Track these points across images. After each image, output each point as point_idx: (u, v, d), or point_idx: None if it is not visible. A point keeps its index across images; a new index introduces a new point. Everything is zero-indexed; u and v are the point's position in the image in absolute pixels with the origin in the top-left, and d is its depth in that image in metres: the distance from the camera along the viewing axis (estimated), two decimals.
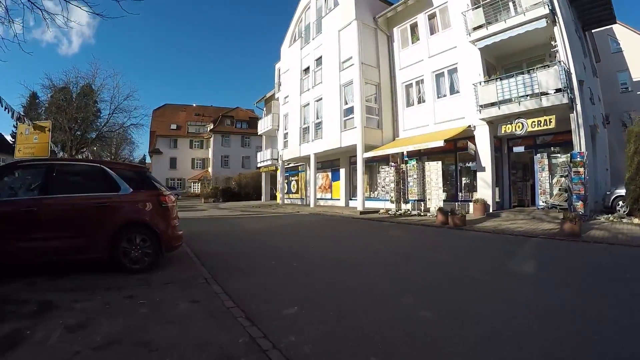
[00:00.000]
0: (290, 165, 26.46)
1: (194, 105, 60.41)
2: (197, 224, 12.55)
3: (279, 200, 27.87)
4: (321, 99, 19.94)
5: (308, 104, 21.20)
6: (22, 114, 13.07)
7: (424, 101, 16.95)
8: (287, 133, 24.07)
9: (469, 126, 14.51)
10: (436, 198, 14.03)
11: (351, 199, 20.65)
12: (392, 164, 15.80)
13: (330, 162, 22.17)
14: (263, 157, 29.56)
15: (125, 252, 5.23)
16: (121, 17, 11.25)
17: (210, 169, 50.34)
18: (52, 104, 18.45)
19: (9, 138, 38.48)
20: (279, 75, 29.42)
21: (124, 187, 5.38)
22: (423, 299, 4.02)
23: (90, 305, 3.82)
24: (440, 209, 12.18)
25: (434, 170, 14.20)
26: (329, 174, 22.77)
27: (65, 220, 5.06)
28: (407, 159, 17.12)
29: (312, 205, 20.18)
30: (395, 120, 18.40)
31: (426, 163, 14.60)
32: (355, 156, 19.23)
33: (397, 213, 15.09)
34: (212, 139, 51.22)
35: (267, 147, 30.82)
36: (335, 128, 18.32)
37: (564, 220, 8.75)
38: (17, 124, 14.47)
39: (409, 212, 15.30)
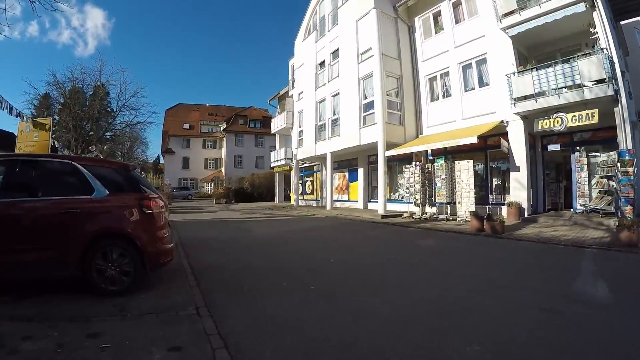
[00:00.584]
0: (305, 165, 25.37)
1: (207, 104, 60.03)
2: (204, 228, 11.74)
3: (293, 202, 26.81)
4: (338, 93, 18.79)
5: (324, 99, 20.08)
6: (20, 110, 12.27)
7: (449, 95, 15.62)
8: (301, 131, 23.00)
9: (502, 121, 13.16)
10: (467, 201, 12.72)
11: (370, 201, 19.45)
12: (417, 163, 14.52)
13: (347, 162, 21.00)
14: (277, 157, 28.57)
15: (100, 270, 4.21)
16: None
17: (223, 169, 49.77)
18: (57, 101, 17.83)
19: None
20: (293, 72, 28.39)
21: (98, 189, 4.35)
22: (497, 349, 2.81)
23: (40, 346, 2.84)
24: (474, 214, 10.88)
25: (465, 170, 12.87)
26: (346, 174, 21.59)
27: (25, 230, 4.08)
28: (431, 157, 15.89)
29: (328, 207, 19.04)
30: (419, 116, 17.11)
31: (456, 162, 13.26)
32: (375, 155, 18.06)
33: (422, 217, 13.83)
34: (225, 139, 50.63)
35: (280, 146, 29.81)
36: (354, 124, 17.14)
37: (620, 228, 7.48)
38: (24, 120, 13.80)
39: (434, 216, 14.01)
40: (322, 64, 20.74)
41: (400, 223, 12.74)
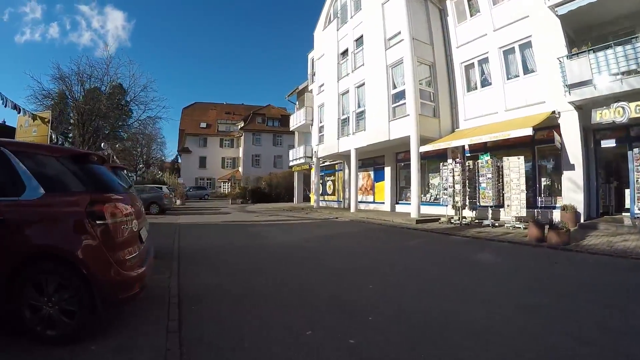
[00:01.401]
0: (326, 163, 23.85)
1: (224, 103, 59.36)
2: (213, 233, 10.42)
3: (312, 203, 25.33)
4: (363, 84, 17.18)
5: (347, 91, 18.49)
6: (16, 103, 11.24)
7: (489, 84, 13.82)
8: (322, 126, 21.46)
9: (553, 112, 11.31)
10: (517, 204, 10.91)
11: (398, 203, 17.76)
12: (456, 160, 12.75)
13: (372, 160, 19.35)
14: (295, 155, 27.15)
15: (34, 307, 2.80)
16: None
17: (240, 169, 48.87)
18: (60, 95, 16.80)
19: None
20: (313, 65, 27.00)
21: (31, 187, 2.92)
22: None
23: None
24: (535, 220, 9.10)
25: (515, 168, 11.04)
26: (371, 173, 19.92)
27: None
28: (468, 154, 14.11)
29: (352, 209, 17.41)
30: (454, 108, 15.34)
31: (504, 159, 11.44)
32: (403, 152, 16.51)
33: (463, 222, 12.07)
34: (242, 138, 49.73)
35: (299, 144, 28.46)
36: (382, 117, 15.48)
37: None
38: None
39: (476, 221, 12.25)
40: (345, 53, 19.19)
41: (439, 229, 11.01)
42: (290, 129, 28.78)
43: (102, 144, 22.01)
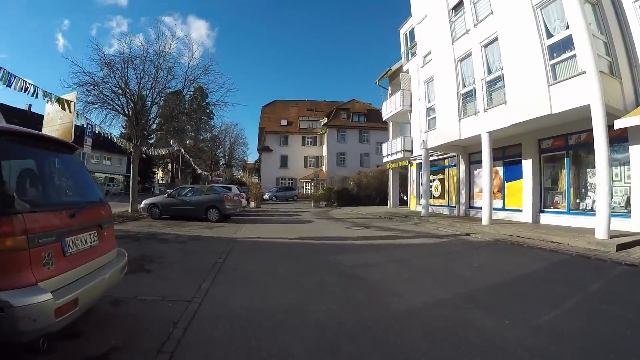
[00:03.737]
0: (431, 158, 19.08)
1: (306, 100, 57.06)
2: (276, 270, 5.87)
3: (414, 207, 20.77)
4: (494, 39, 12.30)
5: (468, 54, 13.68)
6: (29, 82, 8.82)
7: None
8: (431, 108, 16.78)
9: None
10: None
11: (543, 211, 12.59)
12: None
13: (500, 151, 14.25)
14: (390, 149, 22.83)
15: None
16: None
17: (324, 168, 45.91)
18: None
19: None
20: (407, 41, 22.58)
21: None
22: None
23: None
24: None
25: None
26: (499, 169, 14.77)
27: None
28: None
29: (485, 220, 12.44)
30: (636, 66, 9.97)
31: None
32: (552, 138, 12.30)
33: None
34: (326, 135, 46.78)
35: (394, 135, 24.02)
36: (534, 81, 10.51)
37: None
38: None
39: None
40: (459, 5, 14.45)
41: None
42: (383, 119, 24.46)
43: (172, 141, 20.39)
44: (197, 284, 4.77)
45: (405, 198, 25.43)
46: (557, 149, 12.32)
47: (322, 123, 48.43)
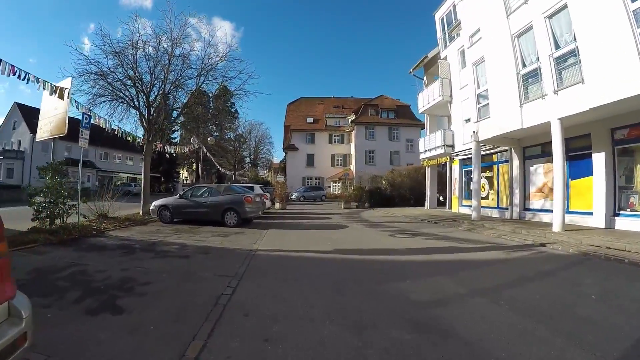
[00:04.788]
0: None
1: (332, 97, 55.43)
2: (301, 303, 4.28)
3: (455, 209, 18.79)
4: (563, 7, 10.31)
5: (528, 27, 11.71)
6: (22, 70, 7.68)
7: None
8: (481, 94, 14.84)
9: None
10: None
11: (618, 215, 10.56)
12: None
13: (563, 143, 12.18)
14: (427, 145, 20.94)
15: None
16: None
17: (352, 167, 44.18)
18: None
19: None
20: (443, 26, 20.67)
21: None
22: None
23: None
24: None
25: None
26: (562, 164, 12.68)
27: None
28: None
29: (557, 226, 10.38)
30: None
31: None
32: (629, 127, 9.79)
33: None
34: (354, 132, 45.03)
35: (432, 129, 22.07)
36: (623, 53, 8.51)
37: None
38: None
39: None
40: None
41: None
42: (420, 111, 22.55)
43: (192, 138, 19.33)
44: (182, 345, 3.05)
45: (441, 198, 23.43)
46: (635, 140, 10.25)
47: (350, 120, 46.71)
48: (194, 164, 58.02)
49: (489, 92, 13.80)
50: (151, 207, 13.38)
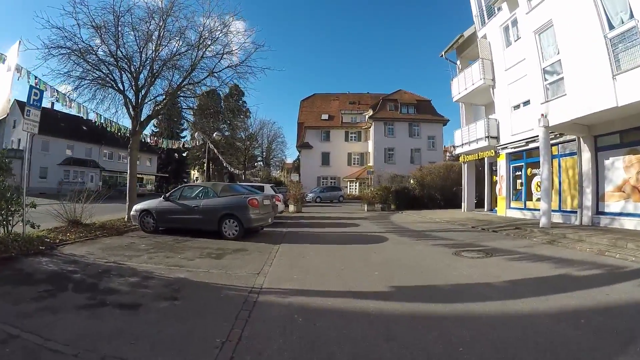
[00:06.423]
0: (530, 146, 14.32)
1: (347, 93, 52.87)
2: None
3: (502, 212, 16.04)
4: None
5: None
6: None
7: None
8: (548, 69, 12.00)
9: None
10: None
11: None
12: None
13: None
14: (467, 137, 18.22)
15: None
16: None
17: (371, 165, 41.52)
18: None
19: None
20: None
21: None
22: None
23: None
24: None
25: None
26: None
27: None
28: None
29: None
30: None
31: None
32: None
33: None
34: (371, 129, 42.50)
35: (468, 120, 19.35)
36: None
37: None
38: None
39: None
40: None
41: None
42: (454, 100, 19.81)
43: (196, 134, 17.46)
44: None
45: (475, 200, 20.66)
46: None
47: (367, 116, 44.13)
48: (205, 164, 56.33)
49: (563, 63, 10.96)
50: (132, 213, 10.82)
